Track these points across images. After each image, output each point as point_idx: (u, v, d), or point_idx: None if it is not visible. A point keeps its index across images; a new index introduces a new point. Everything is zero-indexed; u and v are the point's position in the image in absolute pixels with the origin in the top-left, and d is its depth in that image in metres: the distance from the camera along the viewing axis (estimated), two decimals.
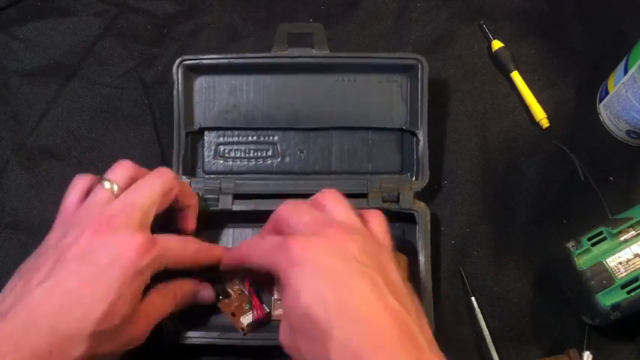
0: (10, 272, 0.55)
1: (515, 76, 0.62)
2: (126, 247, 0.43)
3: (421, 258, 0.54)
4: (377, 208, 0.54)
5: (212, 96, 0.58)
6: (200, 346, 0.52)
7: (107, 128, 0.61)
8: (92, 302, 0.42)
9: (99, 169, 0.59)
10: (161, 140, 0.60)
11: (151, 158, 0.60)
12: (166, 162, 0.59)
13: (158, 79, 0.62)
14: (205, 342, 0.52)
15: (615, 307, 0.50)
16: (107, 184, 0.46)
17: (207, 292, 0.51)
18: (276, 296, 0.54)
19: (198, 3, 0.65)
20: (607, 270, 0.50)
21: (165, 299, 0.48)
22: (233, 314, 0.52)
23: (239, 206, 0.55)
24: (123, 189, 0.46)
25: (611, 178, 0.59)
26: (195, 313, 0.53)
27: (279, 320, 0.53)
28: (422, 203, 0.55)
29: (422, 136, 0.56)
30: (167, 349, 0.52)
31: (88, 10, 0.64)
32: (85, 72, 0.62)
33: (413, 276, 0.54)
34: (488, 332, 0.55)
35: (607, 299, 0.50)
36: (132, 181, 0.47)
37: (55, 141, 0.61)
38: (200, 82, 0.58)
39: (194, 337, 0.52)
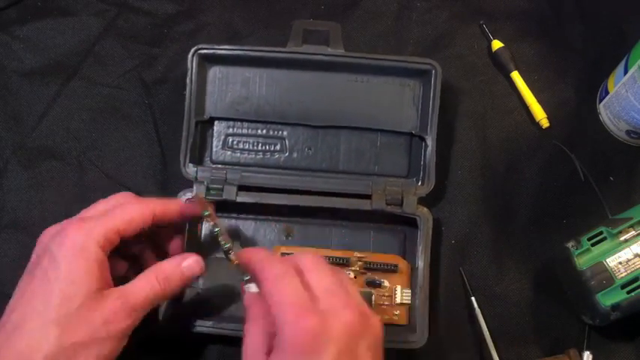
0: (10, 272, 0.55)
1: (515, 76, 0.62)
2: (60, 234, 0.44)
3: (420, 263, 0.54)
4: (380, 210, 0.55)
5: (225, 87, 0.57)
6: (202, 335, 0.52)
7: (107, 128, 0.61)
8: (45, 292, 0.43)
9: (99, 169, 0.60)
10: (161, 140, 0.60)
11: (151, 158, 0.60)
12: (166, 162, 0.59)
13: (158, 79, 0.62)
14: (210, 332, 0.52)
15: (615, 307, 0.50)
16: None
17: (191, 263, 0.48)
18: None
19: (198, 3, 0.65)
20: (607, 270, 0.50)
21: (147, 285, 0.46)
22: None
23: (243, 198, 0.55)
24: None
25: (611, 178, 0.59)
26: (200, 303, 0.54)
27: None
28: (425, 209, 0.55)
29: (430, 141, 0.56)
30: (169, 338, 0.53)
31: (88, 10, 0.64)
32: (85, 72, 0.62)
33: (411, 280, 0.55)
34: (488, 332, 0.55)
35: (607, 299, 0.49)
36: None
37: (55, 141, 0.60)
38: (214, 71, 0.57)
39: (202, 326, 0.52)
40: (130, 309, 0.44)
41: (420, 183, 0.56)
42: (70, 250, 0.44)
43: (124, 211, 0.47)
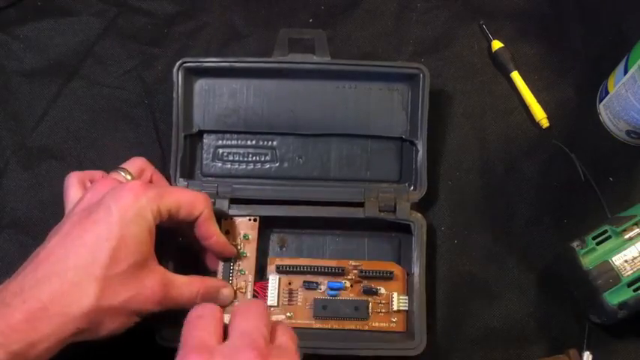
0: (10, 272, 0.54)
1: (515, 76, 0.60)
2: (121, 191, 0.44)
3: (416, 269, 0.53)
4: (373, 217, 0.54)
5: (212, 99, 0.56)
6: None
7: (107, 128, 0.60)
8: (96, 246, 0.42)
9: (99, 169, 0.59)
10: (161, 140, 0.59)
11: (150, 158, 0.59)
12: (166, 162, 0.58)
13: (158, 79, 0.61)
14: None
15: (622, 305, 0.48)
16: (122, 173, 0.51)
17: (227, 295, 0.51)
18: (268, 303, 0.53)
19: (198, 3, 0.63)
20: (613, 269, 0.49)
21: (189, 288, 0.47)
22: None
23: (235, 211, 0.54)
24: (135, 178, 0.50)
25: (611, 179, 0.58)
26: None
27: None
28: (418, 214, 0.54)
29: (421, 146, 0.54)
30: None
31: (88, 10, 0.63)
32: (85, 72, 0.61)
33: (408, 286, 0.54)
34: None
35: (614, 298, 0.48)
36: (142, 171, 0.52)
37: (55, 141, 0.59)
38: (200, 84, 0.56)
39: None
40: (166, 298, 0.45)
41: (412, 188, 0.55)
42: (128, 211, 0.43)
43: (181, 194, 0.47)
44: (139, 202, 0.43)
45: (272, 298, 0.53)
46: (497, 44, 0.61)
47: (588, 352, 0.53)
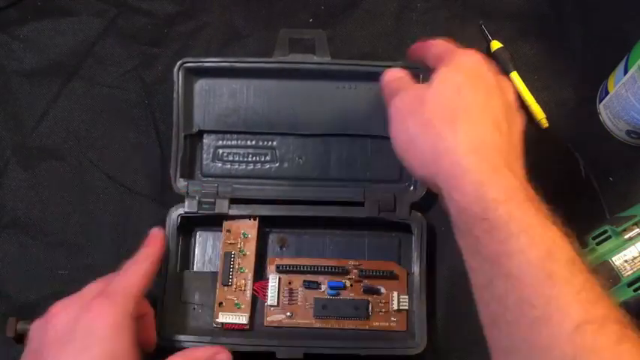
0: (9, 272, 0.54)
1: (515, 76, 0.60)
2: (90, 309, 0.42)
3: (416, 269, 0.53)
4: (373, 217, 0.54)
5: (212, 99, 0.56)
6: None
7: (107, 128, 0.59)
8: None
9: (99, 169, 0.59)
10: (161, 140, 0.59)
11: (151, 158, 0.59)
12: (166, 162, 0.57)
13: (158, 79, 0.61)
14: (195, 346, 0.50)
15: (622, 305, 0.49)
16: None
17: (223, 357, 0.47)
18: (268, 302, 0.53)
19: (198, 3, 0.63)
20: (613, 269, 0.48)
21: None
22: (220, 303, 0.52)
23: (235, 211, 0.54)
24: None
25: (611, 179, 0.58)
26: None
27: (271, 327, 0.53)
28: (418, 214, 0.54)
29: None
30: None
31: (88, 10, 0.62)
32: (85, 72, 0.61)
33: (408, 286, 0.53)
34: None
35: (614, 298, 0.48)
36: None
37: (55, 141, 0.59)
38: (200, 84, 0.56)
39: (186, 340, 0.50)
40: None
41: (412, 188, 0.55)
42: (109, 329, 0.41)
43: (139, 269, 0.46)
44: (114, 316, 0.42)
45: (272, 297, 0.53)
46: (496, 44, 0.61)
47: None
